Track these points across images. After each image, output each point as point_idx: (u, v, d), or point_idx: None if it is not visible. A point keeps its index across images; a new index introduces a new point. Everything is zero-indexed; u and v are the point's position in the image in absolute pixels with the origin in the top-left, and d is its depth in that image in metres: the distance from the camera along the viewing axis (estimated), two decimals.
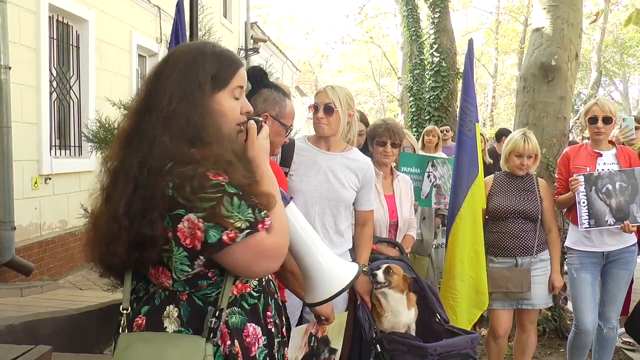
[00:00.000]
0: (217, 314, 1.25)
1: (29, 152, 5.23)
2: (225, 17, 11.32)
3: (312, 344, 1.97)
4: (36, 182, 5.34)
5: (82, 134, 4.76)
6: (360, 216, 2.56)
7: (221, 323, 1.26)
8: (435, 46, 9.67)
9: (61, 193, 5.67)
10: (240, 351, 1.28)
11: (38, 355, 2.42)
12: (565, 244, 3.32)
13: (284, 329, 1.47)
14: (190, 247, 1.20)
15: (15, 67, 4.81)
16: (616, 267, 3.16)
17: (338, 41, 21.75)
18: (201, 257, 1.21)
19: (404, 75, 13.09)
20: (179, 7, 3.20)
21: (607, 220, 3.04)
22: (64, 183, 5.69)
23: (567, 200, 3.19)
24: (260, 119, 1.41)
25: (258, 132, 1.38)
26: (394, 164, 3.27)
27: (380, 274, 2.43)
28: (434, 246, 4.04)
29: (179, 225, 1.19)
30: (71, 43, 6.08)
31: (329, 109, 2.42)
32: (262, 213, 1.25)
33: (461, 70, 9.63)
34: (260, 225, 1.23)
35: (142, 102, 1.33)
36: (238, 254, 1.22)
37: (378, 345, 2.36)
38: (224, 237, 1.18)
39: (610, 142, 3.29)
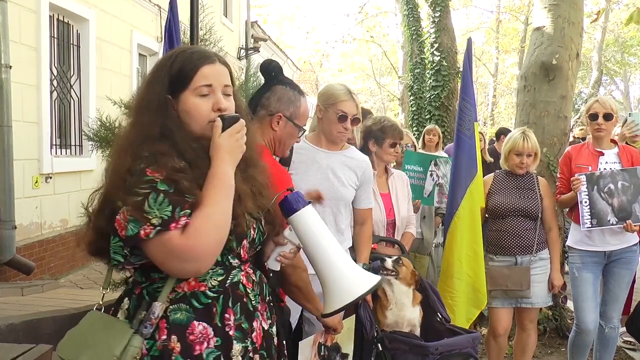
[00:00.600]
0: (149, 308, 1.28)
1: (30, 151, 5.22)
2: (226, 16, 11.31)
3: (322, 354, 1.97)
4: (37, 181, 5.34)
5: (83, 133, 4.76)
6: (359, 214, 2.56)
7: (152, 316, 1.27)
8: (436, 45, 9.66)
9: (62, 192, 5.66)
10: (177, 347, 1.28)
11: (39, 354, 2.43)
12: (567, 243, 3.32)
13: (254, 335, 1.41)
14: (123, 238, 1.26)
15: (16, 66, 4.80)
16: (618, 266, 3.16)
17: (338, 40, 21.68)
18: (126, 249, 1.27)
19: (405, 74, 13.07)
20: (172, 5, 3.20)
21: (609, 220, 3.04)
22: (64, 182, 5.69)
23: (569, 200, 3.19)
24: (235, 115, 1.37)
25: (225, 129, 1.34)
26: (394, 163, 3.27)
27: (389, 262, 2.45)
28: (434, 245, 4.04)
29: (117, 217, 1.25)
30: (72, 42, 6.08)
31: (357, 121, 2.44)
32: (182, 212, 1.24)
33: (461, 69, 9.63)
34: (173, 224, 1.22)
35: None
36: (152, 250, 1.24)
37: (379, 344, 2.36)
38: (141, 232, 1.22)
39: (612, 140, 3.28)
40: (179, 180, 1.26)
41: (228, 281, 1.37)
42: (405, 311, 2.49)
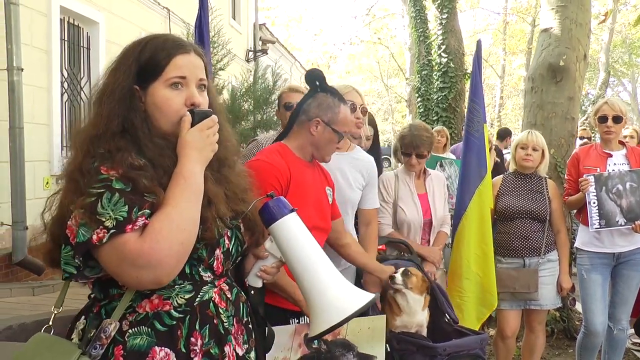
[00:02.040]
0: (101, 325, 1.13)
1: (41, 152, 5.30)
2: (234, 19, 11.38)
3: (315, 346, 1.83)
4: (47, 182, 5.41)
5: None
6: (365, 215, 2.56)
7: (102, 335, 1.12)
8: (443, 47, 9.66)
9: None
10: None
11: None
12: (576, 244, 3.32)
13: None
14: (74, 246, 1.11)
15: (28, 68, 4.87)
16: (627, 268, 3.15)
17: (346, 42, 21.77)
18: (78, 258, 1.11)
19: (412, 76, 13.07)
20: (203, 4, 3.22)
21: (617, 221, 3.03)
22: None
23: (577, 201, 3.19)
24: (208, 110, 1.24)
25: (193, 125, 1.21)
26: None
27: (398, 277, 2.43)
28: None
29: (69, 222, 1.10)
30: (82, 45, 6.16)
31: (365, 111, 2.47)
32: (140, 212, 1.10)
33: (469, 71, 9.63)
34: (129, 226, 1.08)
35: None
36: (105, 257, 1.09)
37: (387, 345, 2.36)
38: (93, 237, 1.07)
39: (621, 142, 3.28)
40: (137, 178, 1.12)
41: (197, 299, 1.21)
42: (416, 317, 2.49)
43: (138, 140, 1.18)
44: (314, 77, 2.02)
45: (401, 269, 2.49)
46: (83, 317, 1.21)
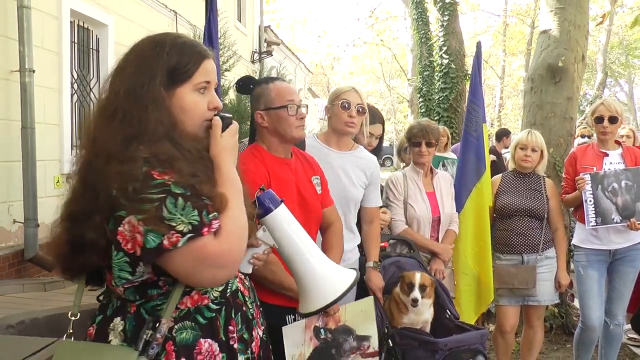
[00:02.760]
0: (155, 326, 1.15)
1: (52, 152, 5.37)
2: (240, 21, 11.46)
3: (323, 337, 1.91)
4: (58, 180, 5.49)
5: None
6: (367, 213, 2.56)
7: (158, 335, 1.14)
8: (445, 48, 9.74)
9: None
10: None
11: None
12: (573, 241, 3.36)
13: (253, 345, 1.33)
14: (131, 252, 1.10)
15: (39, 70, 4.94)
16: (623, 264, 3.19)
17: (349, 44, 21.92)
18: (141, 264, 1.12)
19: (414, 76, 13.14)
20: (212, 6, 3.26)
21: (613, 218, 3.07)
22: None
23: (574, 199, 3.23)
24: (229, 115, 1.29)
25: (224, 130, 1.26)
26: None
27: (416, 293, 2.43)
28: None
29: (119, 229, 1.09)
30: (91, 47, 6.24)
31: (362, 111, 2.45)
32: (210, 216, 1.13)
33: (469, 71, 9.69)
34: (205, 229, 1.11)
35: (104, 98, 1.25)
36: (179, 260, 1.11)
37: (390, 340, 2.37)
38: (165, 242, 1.08)
39: (617, 141, 3.32)
40: (195, 183, 1.14)
41: (228, 290, 1.28)
42: (423, 315, 2.52)
43: (177, 144, 1.18)
44: (245, 83, 2.07)
45: (417, 283, 2.45)
46: (117, 318, 1.20)
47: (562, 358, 3.85)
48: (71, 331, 1.23)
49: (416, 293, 2.43)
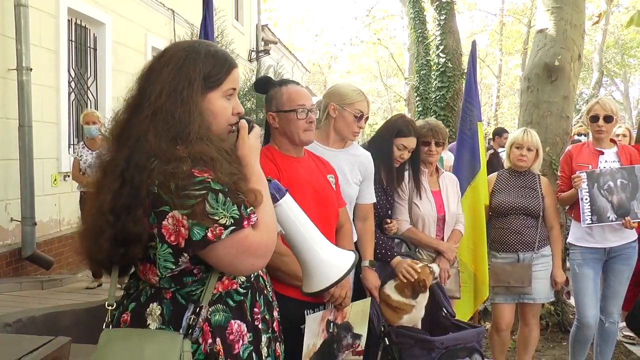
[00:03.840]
0: (196, 311, 1.25)
1: (49, 150, 5.38)
2: (237, 20, 11.46)
3: (331, 330, 1.96)
4: (55, 179, 5.49)
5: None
6: (362, 210, 2.52)
7: (200, 319, 1.25)
8: (442, 47, 9.77)
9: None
10: (222, 349, 1.27)
11: (58, 346, 2.47)
12: (568, 240, 3.36)
13: (274, 324, 1.45)
14: (174, 244, 1.19)
15: (36, 68, 4.95)
16: (617, 262, 3.20)
17: (347, 43, 21.89)
18: (185, 254, 1.21)
19: (411, 75, 13.18)
20: (208, 4, 3.27)
21: (608, 217, 3.07)
22: None
23: (569, 198, 3.24)
24: (252, 119, 1.45)
25: (249, 132, 1.37)
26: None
27: (436, 268, 2.53)
28: None
29: (163, 223, 1.18)
30: (89, 45, 6.25)
31: (367, 119, 2.51)
32: (248, 210, 1.24)
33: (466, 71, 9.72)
34: (245, 222, 1.22)
35: (134, 98, 1.32)
36: (222, 251, 1.21)
37: (386, 339, 2.37)
38: (209, 235, 1.18)
39: (612, 140, 3.33)
40: (232, 180, 1.24)
41: (252, 275, 1.39)
42: (421, 312, 2.52)
43: (212, 144, 1.27)
44: (262, 84, 2.14)
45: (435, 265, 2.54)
46: (154, 304, 1.28)
47: (558, 356, 3.86)
48: (109, 320, 1.32)
49: (435, 267, 2.50)
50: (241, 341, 1.31)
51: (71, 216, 5.73)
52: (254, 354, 1.33)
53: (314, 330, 1.89)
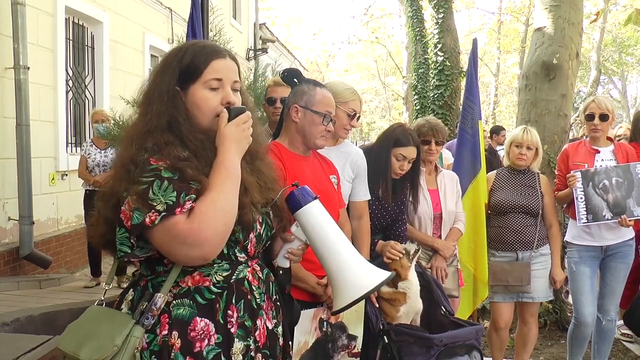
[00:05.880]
0: (150, 298, 1.27)
1: (47, 149, 5.38)
2: (235, 19, 11.46)
3: (324, 329, 1.96)
4: (53, 178, 5.49)
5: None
6: (356, 207, 2.49)
7: (153, 307, 1.26)
8: (439, 46, 9.78)
9: (77, 189, 5.79)
10: (177, 344, 1.26)
11: (56, 345, 2.51)
12: (565, 238, 3.36)
13: (258, 334, 1.38)
14: (129, 228, 1.24)
15: (34, 67, 4.95)
16: (614, 260, 3.20)
17: (344, 41, 21.93)
18: (137, 240, 1.25)
19: (409, 74, 13.19)
20: (194, 3, 3.27)
21: (604, 215, 3.08)
22: (79, 179, 5.85)
23: (566, 196, 3.23)
24: (242, 107, 1.37)
25: (231, 120, 1.33)
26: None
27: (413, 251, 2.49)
28: None
29: (122, 207, 1.24)
30: (86, 44, 6.25)
31: (359, 117, 2.48)
32: (187, 197, 1.23)
33: (464, 69, 9.75)
34: (178, 209, 1.21)
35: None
36: (157, 236, 1.22)
37: (385, 337, 2.35)
38: (146, 220, 1.20)
39: (609, 138, 3.33)
40: (183, 167, 1.25)
41: (233, 277, 1.35)
42: (417, 303, 2.50)
43: (182, 135, 1.32)
44: (291, 76, 2.11)
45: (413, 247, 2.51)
46: (131, 290, 1.34)
47: (556, 354, 3.87)
48: (103, 299, 1.37)
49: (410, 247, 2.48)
50: (206, 341, 1.28)
51: (69, 215, 5.73)
52: (222, 357, 1.29)
53: (305, 328, 1.89)
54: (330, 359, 1.97)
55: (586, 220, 3.11)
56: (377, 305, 2.48)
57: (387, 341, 2.36)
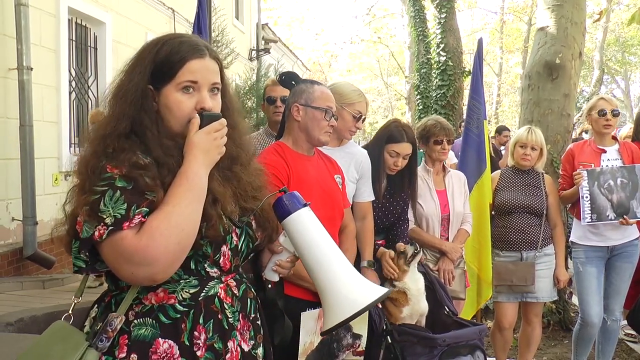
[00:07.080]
0: (105, 318, 1.16)
1: (50, 149, 5.38)
2: (237, 19, 11.48)
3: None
4: (56, 178, 5.50)
5: None
6: (360, 208, 2.49)
7: (109, 328, 1.15)
8: (442, 45, 9.78)
9: None
10: None
11: None
12: (571, 239, 3.36)
13: (228, 357, 1.24)
14: (80, 241, 1.13)
15: (37, 68, 4.95)
16: (620, 260, 3.20)
17: (347, 41, 21.92)
18: (83, 253, 1.14)
19: (411, 74, 13.19)
20: (201, 3, 3.29)
21: (608, 215, 3.08)
22: None
23: (571, 196, 3.23)
24: (217, 114, 1.25)
25: (203, 126, 1.22)
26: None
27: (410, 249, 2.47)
28: None
29: (78, 219, 1.13)
30: (89, 44, 6.25)
31: (364, 119, 2.50)
32: (138, 210, 1.11)
33: (467, 69, 9.76)
34: (126, 224, 1.09)
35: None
36: (105, 252, 1.11)
37: (389, 337, 2.36)
38: (95, 234, 1.10)
39: (613, 137, 3.33)
40: (138, 177, 1.13)
41: (202, 294, 1.22)
42: (420, 303, 2.50)
43: (146, 140, 1.19)
44: (289, 79, 2.13)
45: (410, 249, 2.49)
46: (96, 306, 1.25)
47: (560, 354, 3.87)
48: (70, 313, 1.26)
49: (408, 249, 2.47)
50: None
51: None
52: None
53: (310, 328, 1.88)
54: (335, 358, 1.97)
55: (590, 220, 3.11)
56: (380, 306, 2.48)
57: (390, 341, 2.36)
